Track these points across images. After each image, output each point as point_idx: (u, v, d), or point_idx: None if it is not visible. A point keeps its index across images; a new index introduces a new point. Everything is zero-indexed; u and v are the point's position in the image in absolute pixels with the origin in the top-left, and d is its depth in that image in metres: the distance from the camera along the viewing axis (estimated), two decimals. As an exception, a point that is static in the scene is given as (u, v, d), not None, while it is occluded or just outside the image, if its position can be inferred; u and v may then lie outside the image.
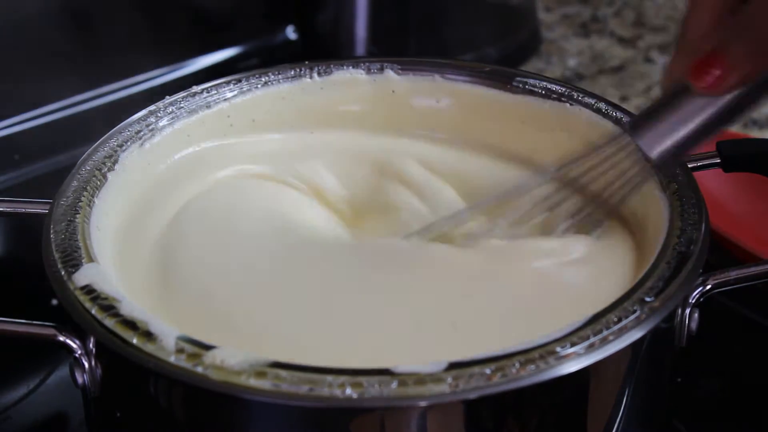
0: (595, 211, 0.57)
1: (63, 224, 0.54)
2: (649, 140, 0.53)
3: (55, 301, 0.50)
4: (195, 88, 0.64)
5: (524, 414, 0.47)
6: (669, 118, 0.52)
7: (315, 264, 0.56)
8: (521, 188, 0.58)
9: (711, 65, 0.49)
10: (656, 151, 0.53)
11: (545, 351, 0.46)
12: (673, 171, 0.56)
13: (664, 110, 0.53)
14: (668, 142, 0.53)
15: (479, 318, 0.52)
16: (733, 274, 0.53)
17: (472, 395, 0.45)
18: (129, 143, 0.60)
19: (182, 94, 0.64)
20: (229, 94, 0.64)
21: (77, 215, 0.54)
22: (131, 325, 0.47)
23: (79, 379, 0.50)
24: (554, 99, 0.63)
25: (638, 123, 0.54)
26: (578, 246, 0.56)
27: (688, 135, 0.52)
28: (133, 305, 0.49)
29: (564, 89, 0.63)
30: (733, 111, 0.52)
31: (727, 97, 0.51)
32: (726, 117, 0.52)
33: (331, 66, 0.66)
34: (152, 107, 0.62)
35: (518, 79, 0.64)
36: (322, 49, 0.95)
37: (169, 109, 0.62)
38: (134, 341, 0.47)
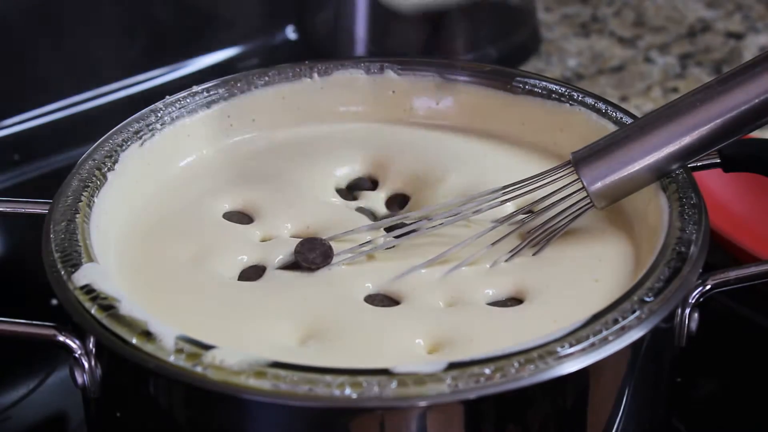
0: (536, 238, 0.56)
1: (63, 224, 0.54)
2: (591, 175, 0.54)
3: (55, 301, 0.50)
4: (195, 88, 0.64)
5: (524, 414, 0.47)
6: (614, 156, 0.54)
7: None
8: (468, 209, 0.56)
9: None
10: (595, 186, 0.54)
11: (545, 351, 0.46)
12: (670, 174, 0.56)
13: (610, 147, 0.54)
14: (608, 180, 0.54)
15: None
16: (733, 274, 0.53)
17: (472, 395, 0.45)
18: (129, 143, 0.60)
19: (182, 94, 0.63)
20: (229, 94, 0.64)
21: (77, 215, 0.54)
22: (131, 324, 0.48)
23: (79, 379, 0.50)
24: (554, 99, 0.63)
25: (583, 156, 0.54)
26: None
27: (630, 175, 0.54)
28: (132, 305, 0.49)
29: (564, 89, 0.63)
30: (683, 157, 0.54)
31: (677, 145, 0.53)
32: (673, 162, 0.54)
33: (331, 66, 0.66)
34: (152, 107, 0.62)
35: (518, 79, 0.64)
36: (322, 49, 0.95)
37: (169, 109, 0.62)
38: (134, 341, 0.47)
